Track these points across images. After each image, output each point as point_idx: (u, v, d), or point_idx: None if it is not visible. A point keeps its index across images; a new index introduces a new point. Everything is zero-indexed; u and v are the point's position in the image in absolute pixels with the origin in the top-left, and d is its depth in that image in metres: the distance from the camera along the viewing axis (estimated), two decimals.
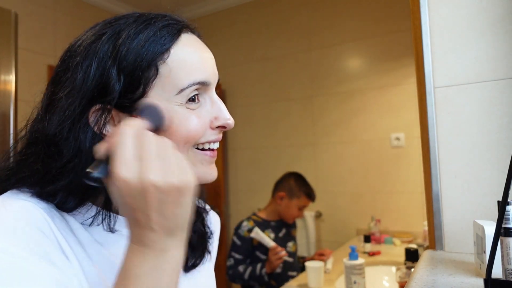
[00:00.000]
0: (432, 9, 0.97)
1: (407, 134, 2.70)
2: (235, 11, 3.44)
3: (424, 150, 0.98)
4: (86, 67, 0.49)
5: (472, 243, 0.78)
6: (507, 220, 0.62)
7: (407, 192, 2.68)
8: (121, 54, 0.49)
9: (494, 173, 0.89)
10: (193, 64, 0.52)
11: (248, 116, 3.33)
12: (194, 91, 0.52)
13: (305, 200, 2.19)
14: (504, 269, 0.63)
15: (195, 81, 0.52)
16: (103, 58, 0.49)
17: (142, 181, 0.40)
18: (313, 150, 3.08)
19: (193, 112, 0.53)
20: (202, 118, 0.54)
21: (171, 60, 0.51)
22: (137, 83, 0.49)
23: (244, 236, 2.08)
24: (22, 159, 0.52)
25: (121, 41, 0.49)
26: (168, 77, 0.51)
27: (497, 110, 0.89)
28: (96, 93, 0.48)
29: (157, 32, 0.51)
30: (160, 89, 0.50)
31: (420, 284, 0.71)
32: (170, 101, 0.51)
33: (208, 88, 0.55)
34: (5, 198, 0.48)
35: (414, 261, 1.61)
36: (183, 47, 0.52)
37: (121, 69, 0.49)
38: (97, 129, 0.49)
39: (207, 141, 0.55)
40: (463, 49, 0.94)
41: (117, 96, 0.48)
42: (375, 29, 2.84)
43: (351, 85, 2.94)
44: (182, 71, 0.51)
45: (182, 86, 0.51)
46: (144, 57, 0.49)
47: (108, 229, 0.53)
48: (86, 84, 0.48)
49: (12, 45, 1.53)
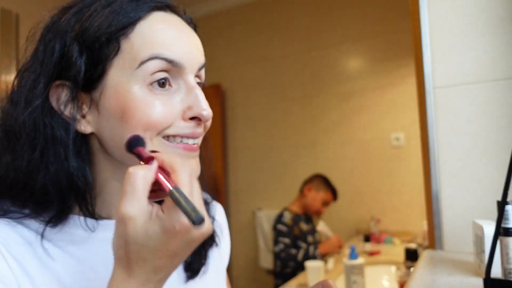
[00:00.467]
0: (432, 9, 0.97)
1: (407, 134, 2.71)
2: (235, 12, 3.44)
3: (423, 150, 0.99)
4: (48, 41, 0.46)
5: (472, 243, 0.79)
6: (506, 220, 0.62)
7: (406, 192, 2.69)
8: (84, 28, 0.45)
9: (494, 173, 0.89)
10: (160, 40, 0.46)
11: (248, 116, 3.34)
12: (161, 72, 0.46)
13: (330, 196, 2.46)
14: (503, 268, 0.63)
15: (158, 55, 0.45)
16: (66, 32, 0.46)
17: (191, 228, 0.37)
18: (313, 150, 3.08)
19: (159, 97, 0.46)
20: (170, 106, 0.46)
21: (135, 36, 0.46)
22: (97, 60, 0.45)
23: (288, 223, 2.36)
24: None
25: (86, 15, 0.46)
26: (130, 52, 0.45)
27: (496, 110, 0.90)
28: (58, 70, 0.45)
29: (123, 5, 0.46)
30: (121, 66, 0.45)
31: (420, 284, 0.72)
32: (129, 80, 0.45)
33: (182, 72, 0.48)
34: None
35: (413, 260, 1.61)
36: (152, 24, 0.47)
37: (83, 44, 0.45)
38: (57, 107, 0.46)
39: (178, 134, 0.48)
40: (462, 49, 0.94)
41: (81, 72, 0.45)
42: (375, 29, 2.84)
43: (351, 85, 2.94)
44: (146, 46, 0.45)
45: (142, 59, 0.45)
46: (105, 31, 0.45)
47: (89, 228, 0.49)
48: (48, 58, 0.45)
49: (13, 45, 1.53)
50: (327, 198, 2.46)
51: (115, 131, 0.46)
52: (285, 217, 2.40)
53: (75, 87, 0.45)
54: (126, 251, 0.38)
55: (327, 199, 2.46)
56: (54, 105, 0.46)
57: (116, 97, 0.46)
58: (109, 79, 0.46)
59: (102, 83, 0.46)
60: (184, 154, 0.48)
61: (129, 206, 0.37)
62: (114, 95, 0.46)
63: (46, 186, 0.45)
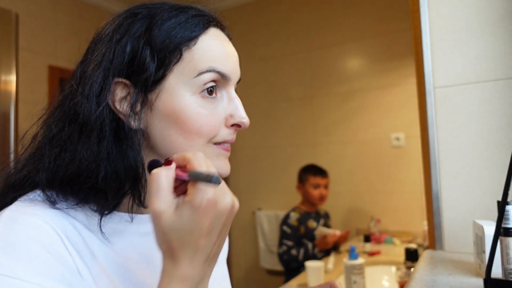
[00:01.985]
0: (432, 9, 0.97)
1: (407, 134, 2.71)
2: (235, 12, 3.44)
3: (424, 150, 0.98)
4: (117, 41, 0.50)
5: (472, 243, 0.79)
6: (507, 220, 0.62)
7: (407, 192, 2.69)
8: (154, 34, 0.50)
9: (494, 173, 0.89)
10: (216, 55, 0.53)
11: (248, 116, 3.32)
12: (211, 82, 0.52)
13: (313, 178, 2.47)
14: (503, 269, 0.63)
15: (215, 68, 0.52)
16: (136, 36, 0.50)
17: (224, 203, 0.43)
18: (313, 150, 3.08)
19: (207, 106, 0.52)
20: (216, 115, 0.53)
21: (196, 48, 0.52)
22: (161, 65, 0.50)
23: (293, 224, 2.40)
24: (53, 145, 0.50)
25: (155, 21, 0.51)
26: (190, 62, 0.51)
27: (497, 110, 0.89)
28: (126, 69, 0.50)
29: (188, 19, 0.52)
30: (180, 73, 0.51)
31: (420, 284, 0.71)
32: (186, 87, 0.51)
33: (227, 83, 0.55)
34: (18, 212, 0.46)
35: (414, 261, 1.61)
36: (210, 39, 0.53)
37: (153, 49, 0.50)
38: (112, 103, 0.50)
39: (224, 141, 0.55)
40: (463, 49, 0.94)
41: (152, 76, 0.49)
42: (375, 29, 2.84)
43: (351, 85, 2.94)
44: (204, 58, 0.52)
45: (201, 70, 0.51)
46: (172, 40, 0.50)
47: (131, 215, 0.53)
48: (118, 58, 0.50)
49: (12, 45, 1.53)
50: (313, 181, 2.46)
51: (166, 131, 0.51)
52: (291, 218, 2.43)
53: (143, 87, 0.50)
54: (167, 241, 0.42)
55: (314, 182, 2.46)
56: (111, 100, 0.50)
57: (170, 100, 0.51)
58: (167, 84, 0.51)
59: (160, 86, 0.51)
60: (225, 154, 0.56)
61: (158, 202, 0.41)
62: (169, 98, 0.51)
63: (107, 175, 0.49)
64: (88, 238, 0.49)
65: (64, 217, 0.48)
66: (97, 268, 0.48)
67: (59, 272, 0.43)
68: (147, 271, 0.54)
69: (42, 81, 2.68)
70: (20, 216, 0.45)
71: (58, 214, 0.48)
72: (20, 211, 0.46)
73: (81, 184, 0.49)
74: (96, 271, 0.48)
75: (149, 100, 0.51)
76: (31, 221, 0.45)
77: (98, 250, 0.50)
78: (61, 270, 0.43)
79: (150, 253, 0.55)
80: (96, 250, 0.49)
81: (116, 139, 0.50)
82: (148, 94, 0.51)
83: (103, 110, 0.49)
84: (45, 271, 0.42)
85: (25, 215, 0.45)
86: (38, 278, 0.41)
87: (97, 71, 0.50)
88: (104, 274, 0.49)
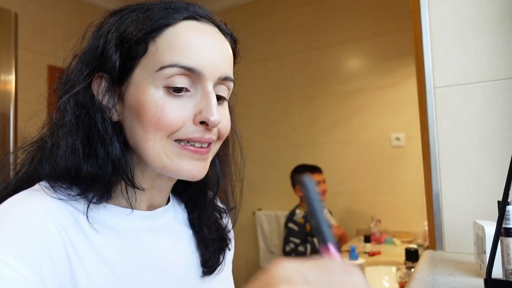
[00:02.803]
0: (432, 9, 0.97)
1: (407, 134, 2.70)
2: (234, 11, 3.44)
3: (424, 150, 0.98)
4: (95, 38, 0.53)
5: (472, 243, 0.78)
6: (507, 220, 0.62)
7: (407, 192, 2.68)
8: (121, 30, 0.52)
9: (494, 173, 0.88)
10: (183, 48, 0.50)
11: (248, 116, 3.33)
12: (179, 76, 0.50)
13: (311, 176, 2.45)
14: (504, 269, 0.63)
15: (178, 63, 0.50)
16: (109, 32, 0.52)
17: None
18: (313, 150, 3.08)
19: (172, 101, 0.50)
20: (182, 110, 0.50)
21: (161, 40, 0.51)
22: (128, 58, 0.51)
23: (299, 222, 2.39)
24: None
25: (124, 16, 0.53)
26: (154, 55, 0.50)
27: (497, 110, 0.89)
28: (99, 63, 0.52)
29: (157, 12, 0.52)
30: (145, 66, 0.51)
31: (420, 284, 0.71)
32: (149, 80, 0.50)
33: (201, 78, 0.51)
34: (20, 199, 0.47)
35: (414, 261, 1.61)
36: (179, 31, 0.51)
37: (119, 43, 0.51)
38: (97, 96, 0.52)
39: (187, 138, 0.52)
40: (463, 49, 0.93)
41: (115, 67, 0.51)
42: (375, 29, 2.84)
43: (351, 85, 2.94)
44: (169, 52, 0.50)
45: (163, 64, 0.50)
46: (137, 33, 0.51)
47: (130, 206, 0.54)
48: (92, 52, 0.52)
49: (12, 45, 1.53)
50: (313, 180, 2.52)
51: (132, 123, 0.52)
52: (297, 215, 2.42)
53: (111, 79, 0.52)
54: None
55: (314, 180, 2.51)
56: (95, 93, 0.52)
57: (135, 92, 0.51)
58: (134, 76, 0.51)
59: (129, 79, 0.52)
60: (188, 155, 0.52)
61: None
62: (135, 91, 0.51)
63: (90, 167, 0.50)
64: (87, 229, 0.50)
65: (65, 207, 0.49)
66: (95, 258, 0.49)
67: (39, 263, 0.42)
68: (146, 266, 0.54)
69: (42, 81, 2.68)
70: (20, 203, 0.46)
71: (60, 204, 0.49)
72: (22, 199, 0.47)
73: (77, 176, 0.50)
74: (93, 261, 0.48)
75: (121, 92, 0.52)
76: (29, 209, 0.46)
77: (97, 241, 0.50)
78: (41, 262, 0.43)
79: (148, 249, 0.55)
80: (95, 240, 0.50)
81: (98, 131, 0.51)
82: (121, 88, 0.52)
83: (74, 99, 0.51)
84: (26, 258, 0.41)
85: (25, 203, 0.46)
86: (17, 264, 0.40)
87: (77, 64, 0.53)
88: (103, 263, 0.49)
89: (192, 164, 0.52)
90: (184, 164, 0.52)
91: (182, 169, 0.52)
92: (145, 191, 0.55)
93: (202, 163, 0.53)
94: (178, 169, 0.52)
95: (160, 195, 0.59)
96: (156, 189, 0.57)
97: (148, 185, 0.56)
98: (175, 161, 0.51)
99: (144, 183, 0.55)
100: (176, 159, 0.51)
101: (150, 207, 0.59)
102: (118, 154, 0.51)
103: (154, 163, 0.51)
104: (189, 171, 0.52)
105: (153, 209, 0.59)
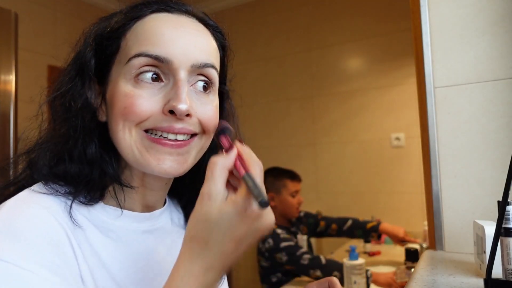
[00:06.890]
0: (432, 9, 0.97)
1: (407, 134, 2.70)
2: (235, 11, 3.44)
3: (424, 150, 0.98)
4: (81, 43, 0.55)
5: (472, 243, 0.78)
6: (507, 220, 0.62)
7: (407, 192, 2.68)
8: (98, 32, 0.54)
9: (494, 173, 0.88)
10: (149, 37, 0.50)
11: (248, 116, 3.33)
12: (147, 67, 0.49)
13: (291, 184, 2.04)
14: (504, 269, 0.63)
15: (144, 52, 0.49)
16: (89, 34, 0.54)
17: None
18: (313, 150, 3.08)
19: (141, 91, 0.49)
20: (151, 100, 0.49)
21: (130, 34, 0.51)
22: (105, 58, 0.53)
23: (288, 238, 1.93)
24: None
25: (101, 20, 0.55)
26: (124, 50, 0.51)
27: (497, 110, 0.89)
28: (80, 65, 0.53)
29: (129, 10, 0.53)
30: (118, 62, 0.52)
31: (420, 284, 0.71)
32: (120, 74, 0.51)
33: (171, 67, 0.49)
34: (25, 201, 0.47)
35: (414, 261, 1.61)
36: (147, 23, 0.51)
37: (95, 42, 0.53)
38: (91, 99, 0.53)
39: (156, 128, 0.49)
40: (463, 49, 0.93)
41: (91, 67, 0.52)
42: (375, 29, 2.84)
43: (351, 85, 2.94)
44: (135, 43, 0.50)
45: (130, 55, 0.50)
46: (109, 32, 0.53)
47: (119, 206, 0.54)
48: (77, 56, 0.54)
49: (12, 45, 1.53)
50: (292, 188, 2.02)
51: (109, 119, 0.52)
52: (281, 234, 1.94)
53: (91, 80, 0.53)
54: (198, 229, 0.41)
55: (293, 189, 2.02)
56: (88, 96, 0.53)
57: (112, 89, 0.52)
58: (111, 75, 0.52)
59: (108, 78, 0.53)
60: (159, 149, 0.49)
61: (207, 188, 0.42)
62: (112, 88, 0.52)
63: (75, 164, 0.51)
64: (88, 229, 0.50)
65: (65, 207, 0.49)
66: (95, 258, 0.49)
67: (55, 263, 0.43)
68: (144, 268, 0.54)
69: (42, 81, 2.68)
70: (26, 204, 0.46)
71: (63, 205, 0.49)
72: (27, 201, 0.47)
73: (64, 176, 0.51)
74: (93, 261, 0.49)
75: (103, 93, 0.54)
76: (35, 211, 0.45)
77: (96, 241, 0.50)
78: (57, 262, 0.43)
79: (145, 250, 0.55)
80: (94, 241, 0.50)
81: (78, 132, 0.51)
82: (104, 88, 0.53)
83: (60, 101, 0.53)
84: (41, 259, 0.42)
85: (31, 204, 0.46)
86: (33, 266, 0.40)
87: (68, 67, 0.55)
88: (101, 264, 0.49)
89: (163, 158, 0.49)
90: (153, 158, 0.49)
91: (150, 164, 0.49)
92: (136, 189, 0.55)
93: (178, 157, 0.50)
94: (146, 164, 0.49)
95: (153, 194, 0.57)
96: (147, 188, 0.56)
97: (138, 183, 0.55)
98: (144, 154, 0.49)
99: (133, 181, 0.55)
100: (145, 153, 0.49)
101: (146, 208, 0.58)
102: (94, 152, 0.51)
103: (127, 156, 0.51)
104: (158, 166, 0.49)
105: (150, 211, 0.58)
